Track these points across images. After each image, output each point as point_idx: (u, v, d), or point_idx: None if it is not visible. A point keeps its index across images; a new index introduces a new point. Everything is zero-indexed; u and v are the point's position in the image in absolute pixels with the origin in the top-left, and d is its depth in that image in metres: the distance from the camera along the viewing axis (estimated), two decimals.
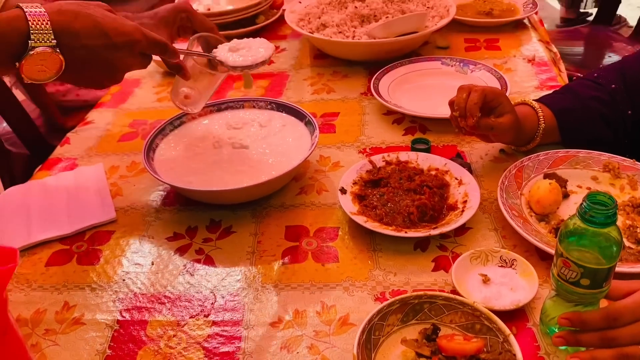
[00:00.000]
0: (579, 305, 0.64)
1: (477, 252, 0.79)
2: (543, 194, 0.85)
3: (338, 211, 0.93)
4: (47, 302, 0.82)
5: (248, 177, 0.96)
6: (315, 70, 1.41)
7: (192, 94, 1.01)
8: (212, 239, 0.90)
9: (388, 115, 1.18)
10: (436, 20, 1.39)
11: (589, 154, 0.95)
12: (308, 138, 1.04)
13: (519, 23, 1.54)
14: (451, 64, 1.30)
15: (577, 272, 0.60)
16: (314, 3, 1.49)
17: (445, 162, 0.96)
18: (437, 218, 0.88)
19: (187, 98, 1.01)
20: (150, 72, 1.49)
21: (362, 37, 1.33)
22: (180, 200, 0.99)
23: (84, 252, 0.90)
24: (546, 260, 0.80)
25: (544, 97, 1.03)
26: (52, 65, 0.68)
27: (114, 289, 0.83)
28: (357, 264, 0.83)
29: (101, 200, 0.99)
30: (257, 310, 0.77)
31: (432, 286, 0.78)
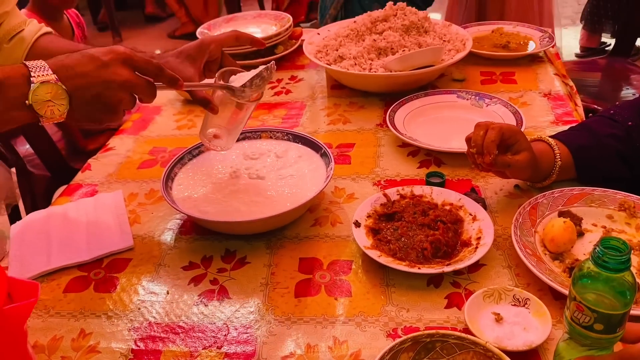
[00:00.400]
0: (593, 349, 0.63)
1: (490, 290, 0.79)
2: (557, 233, 0.85)
3: (352, 244, 0.94)
4: (64, 329, 0.83)
5: (263, 208, 0.97)
6: (331, 100, 1.43)
7: (221, 133, 1.00)
8: (227, 269, 0.92)
9: (403, 147, 1.20)
10: (452, 53, 1.41)
11: (604, 192, 0.95)
12: (323, 169, 1.06)
13: (535, 56, 1.55)
14: (467, 98, 1.31)
15: (590, 317, 0.60)
16: (332, 35, 1.52)
17: (459, 197, 0.97)
18: (451, 254, 0.88)
19: (217, 137, 1.00)
20: (170, 100, 1.52)
21: (379, 70, 1.35)
22: (196, 229, 1.01)
23: (101, 279, 0.92)
24: (560, 299, 0.79)
25: (560, 133, 1.04)
26: (59, 98, 0.72)
27: (129, 317, 0.84)
28: (369, 298, 0.83)
29: (120, 228, 1.01)
30: (270, 344, 0.77)
31: (445, 323, 0.78)
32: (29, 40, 1.02)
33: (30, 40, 1.02)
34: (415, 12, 1.47)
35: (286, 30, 1.69)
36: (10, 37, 1.01)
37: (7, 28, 1.01)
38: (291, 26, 1.72)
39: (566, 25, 3.77)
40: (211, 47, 1.00)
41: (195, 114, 1.43)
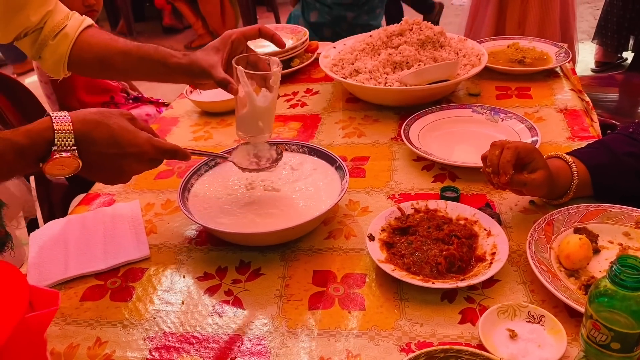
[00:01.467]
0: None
1: (504, 306, 0.79)
2: (573, 249, 0.85)
3: (366, 257, 0.94)
4: (80, 337, 0.84)
5: (278, 220, 0.98)
6: (347, 113, 1.44)
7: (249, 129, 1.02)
8: (241, 281, 0.92)
9: (418, 161, 1.20)
10: (468, 68, 1.41)
11: (621, 209, 0.94)
12: (338, 182, 1.06)
13: (551, 72, 1.55)
14: (482, 112, 1.31)
15: (607, 335, 0.60)
16: (347, 49, 1.53)
17: (474, 212, 0.97)
18: (465, 269, 0.88)
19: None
20: (187, 112, 1.54)
21: (394, 84, 1.36)
22: (211, 240, 1.02)
23: (117, 288, 0.93)
24: (575, 317, 0.79)
25: (577, 151, 1.03)
26: (70, 166, 0.78)
27: (144, 326, 0.85)
28: (383, 312, 0.83)
29: (136, 238, 1.02)
30: (283, 356, 0.78)
31: (459, 339, 0.78)
32: (72, 36, 1.07)
33: (73, 36, 1.07)
34: (430, 27, 1.47)
35: (302, 44, 1.71)
36: (54, 35, 1.06)
37: (51, 25, 1.05)
38: (307, 39, 1.74)
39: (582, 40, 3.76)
40: (233, 37, 1.04)
41: (212, 126, 1.45)
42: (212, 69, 0.99)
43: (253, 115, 0.99)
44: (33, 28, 1.05)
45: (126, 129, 0.83)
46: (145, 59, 1.05)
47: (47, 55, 1.07)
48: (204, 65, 1.00)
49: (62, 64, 1.08)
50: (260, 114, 0.99)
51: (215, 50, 1.02)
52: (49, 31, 1.05)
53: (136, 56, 1.05)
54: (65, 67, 1.09)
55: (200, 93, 1.57)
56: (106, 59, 1.07)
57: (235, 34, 1.04)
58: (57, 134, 0.76)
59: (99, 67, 1.09)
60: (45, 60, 1.08)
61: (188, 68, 1.02)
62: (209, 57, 1.01)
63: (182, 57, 1.03)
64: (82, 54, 1.08)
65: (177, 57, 1.03)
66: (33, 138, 0.76)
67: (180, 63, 1.03)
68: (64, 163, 0.77)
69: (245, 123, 1.01)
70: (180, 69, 1.03)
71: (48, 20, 1.06)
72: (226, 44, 1.03)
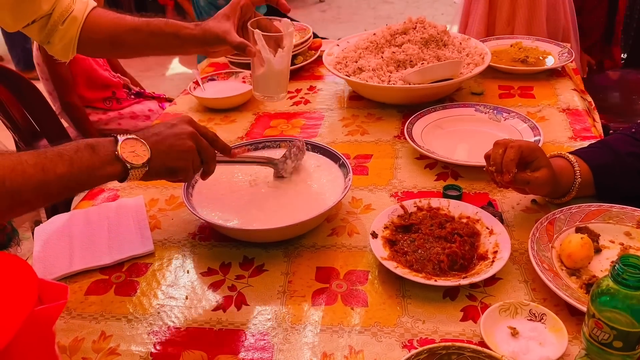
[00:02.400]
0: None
1: (506, 304, 0.80)
2: (574, 249, 0.86)
3: (368, 255, 0.95)
4: (85, 330, 0.85)
5: (282, 217, 0.99)
6: (350, 111, 1.45)
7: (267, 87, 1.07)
8: (245, 276, 0.93)
9: (421, 159, 1.20)
10: (471, 67, 1.42)
11: (623, 209, 0.95)
12: (341, 179, 1.07)
13: (553, 71, 1.55)
14: (485, 111, 1.32)
15: (609, 334, 0.60)
16: (351, 47, 1.54)
17: (476, 211, 0.97)
18: (467, 267, 0.89)
19: None
20: (191, 108, 1.55)
21: (398, 82, 1.36)
22: (215, 235, 1.03)
23: (121, 282, 0.94)
24: (576, 315, 0.79)
25: (580, 150, 1.04)
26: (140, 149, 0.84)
27: (149, 321, 0.86)
28: (385, 309, 0.84)
29: (140, 233, 1.03)
30: (286, 351, 0.78)
31: (460, 336, 0.79)
32: (80, 19, 1.08)
33: (82, 19, 1.08)
34: (434, 26, 1.48)
35: (306, 42, 1.71)
36: (63, 20, 1.07)
37: (59, 11, 1.06)
38: (311, 37, 1.74)
39: None
40: (242, 3, 1.06)
41: (215, 122, 1.46)
42: (227, 35, 1.01)
43: (271, 75, 1.05)
44: (42, 15, 1.06)
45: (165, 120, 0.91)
46: (156, 33, 1.06)
47: (57, 40, 1.08)
48: (218, 32, 1.02)
49: (71, 46, 1.09)
50: (278, 73, 1.05)
51: (226, 17, 1.05)
52: (58, 17, 1.06)
53: (147, 31, 1.07)
54: (74, 50, 1.10)
55: (204, 89, 1.58)
56: (116, 37, 1.09)
57: (244, 1, 1.07)
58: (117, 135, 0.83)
59: (110, 46, 1.11)
60: (54, 44, 1.09)
61: (201, 37, 1.04)
62: (221, 24, 1.04)
63: (194, 27, 1.05)
64: (92, 35, 1.09)
65: (189, 28, 1.05)
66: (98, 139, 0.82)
67: (193, 34, 1.05)
68: (134, 148, 0.83)
69: (263, 83, 1.07)
70: (194, 39, 1.05)
71: (57, 6, 1.07)
72: (235, 10, 1.05)
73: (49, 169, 0.75)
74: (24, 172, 0.73)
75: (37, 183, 0.74)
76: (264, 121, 1.44)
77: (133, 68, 2.78)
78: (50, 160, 0.76)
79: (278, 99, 1.09)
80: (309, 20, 5.15)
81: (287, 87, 1.09)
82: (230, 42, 1.01)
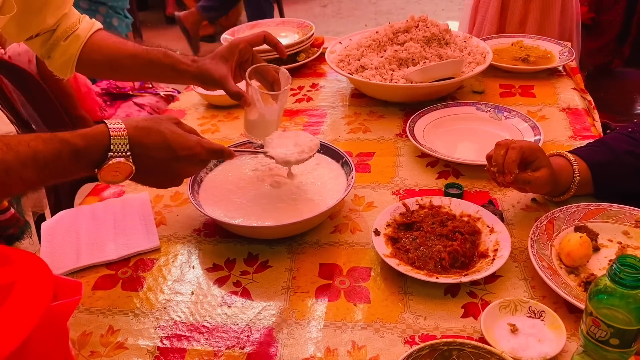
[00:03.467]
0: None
1: (506, 302, 0.81)
2: (573, 247, 0.87)
3: (371, 252, 0.96)
4: (92, 325, 0.87)
5: (285, 214, 1.00)
6: (352, 109, 1.46)
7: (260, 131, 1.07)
8: (249, 272, 0.95)
9: (422, 157, 1.22)
10: (472, 66, 1.43)
11: (621, 209, 0.96)
12: (344, 177, 1.08)
13: (554, 70, 1.56)
14: (486, 110, 1.33)
15: (606, 332, 0.62)
16: (354, 45, 1.55)
17: (477, 209, 0.99)
18: (468, 265, 0.90)
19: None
20: (194, 104, 1.56)
21: (400, 81, 1.37)
22: (219, 232, 1.04)
23: (128, 278, 0.95)
24: (575, 313, 0.81)
25: (579, 149, 1.06)
26: (124, 172, 0.80)
27: (155, 315, 0.87)
28: (388, 305, 0.86)
29: (146, 229, 1.04)
30: (291, 346, 0.80)
31: (461, 332, 0.80)
32: (83, 38, 1.09)
33: (84, 38, 1.10)
34: (436, 24, 1.49)
35: (308, 39, 1.72)
36: (66, 36, 1.08)
37: (64, 27, 1.08)
38: (313, 34, 1.75)
39: None
40: (240, 47, 1.07)
41: (219, 119, 1.47)
42: (224, 81, 1.03)
43: (262, 124, 1.06)
44: (47, 29, 1.07)
45: (177, 132, 0.84)
46: (154, 62, 1.08)
47: (57, 55, 1.10)
48: (215, 76, 1.04)
49: (71, 64, 1.11)
50: (269, 123, 1.07)
51: (224, 60, 1.06)
52: (62, 33, 1.08)
53: (145, 59, 1.08)
54: (73, 68, 1.12)
55: None
56: (115, 61, 1.10)
57: (242, 43, 1.08)
58: (113, 139, 0.77)
59: (108, 68, 1.12)
60: (55, 60, 1.11)
61: (198, 75, 1.06)
62: (218, 67, 1.05)
63: (191, 63, 1.06)
64: (92, 55, 1.10)
65: (185, 64, 1.06)
66: (89, 141, 0.77)
67: (189, 70, 1.06)
68: (118, 169, 0.79)
69: (255, 129, 1.08)
70: (190, 75, 1.07)
71: (62, 23, 1.08)
72: (234, 53, 1.06)
73: (13, 172, 0.70)
74: None
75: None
76: None
77: None
78: (21, 163, 0.71)
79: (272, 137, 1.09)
80: (309, 15, 5.15)
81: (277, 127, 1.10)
82: (227, 90, 1.03)
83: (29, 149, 0.72)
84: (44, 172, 0.74)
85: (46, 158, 0.73)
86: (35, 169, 0.72)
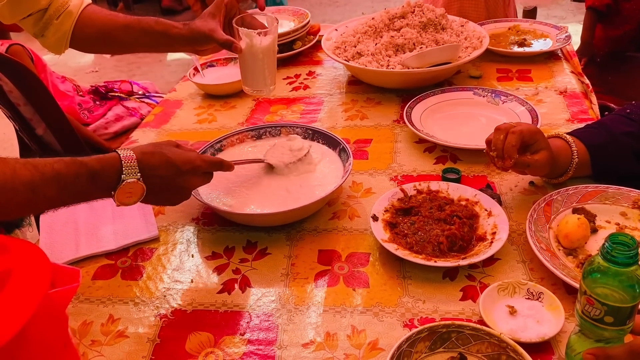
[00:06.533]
0: (603, 341, 0.66)
1: (504, 284, 0.82)
2: (571, 229, 0.87)
3: (369, 237, 0.97)
4: (93, 314, 0.87)
5: (284, 202, 1.00)
6: (349, 96, 1.46)
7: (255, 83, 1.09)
8: (249, 260, 0.95)
9: (420, 143, 1.22)
10: (469, 51, 1.42)
11: (619, 190, 0.96)
12: (341, 164, 1.08)
13: (551, 54, 1.56)
14: (483, 95, 1.33)
15: (600, 310, 0.62)
16: (350, 31, 1.54)
17: (475, 193, 0.99)
18: (466, 248, 0.91)
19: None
20: (191, 94, 1.56)
21: (396, 67, 1.37)
22: (218, 220, 1.04)
23: (127, 267, 0.96)
24: (572, 294, 0.81)
25: (577, 131, 1.05)
26: (136, 192, 0.85)
27: (155, 304, 0.88)
28: (387, 290, 0.86)
29: (145, 219, 1.05)
30: (291, 331, 0.81)
31: (460, 315, 0.81)
32: (75, 14, 1.10)
33: (76, 14, 1.11)
34: (432, 10, 1.48)
35: (304, 27, 1.71)
36: (58, 14, 1.09)
37: (56, 5, 1.09)
38: (309, 22, 1.74)
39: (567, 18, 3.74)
40: (225, 1, 1.09)
41: (215, 108, 1.46)
42: (214, 33, 1.04)
43: (258, 68, 1.07)
44: (39, 9, 1.07)
45: (177, 151, 0.91)
46: (147, 31, 1.09)
47: (50, 34, 1.11)
48: (204, 30, 1.05)
49: (64, 41, 1.12)
50: (263, 65, 1.07)
51: (212, 15, 1.08)
52: (54, 11, 1.09)
53: (137, 29, 1.10)
54: (67, 44, 1.13)
55: (203, 76, 1.58)
56: (108, 34, 1.11)
57: None
58: (124, 162, 0.83)
59: (102, 41, 1.13)
60: (48, 38, 1.12)
61: (189, 36, 1.07)
62: (207, 22, 1.07)
63: (183, 27, 1.08)
64: (85, 30, 1.12)
65: (177, 28, 1.08)
66: (104, 165, 0.82)
67: (181, 33, 1.08)
68: (131, 189, 0.84)
69: (250, 76, 1.09)
70: (182, 38, 1.08)
71: (54, 1, 1.08)
72: (220, 8, 1.08)
73: (39, 190, 0.76)
74: (13, 189, 0.74)
75: (23, 201, 0.75)
76: (264, 107, 1.45)
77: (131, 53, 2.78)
78: (45, 182, 0.77)
79: (267, 92, 1.12)
80: (306, 4, 5.12)
81: (275, 80, 1.11)
82: (217, 40, 1.04)
83: (53, 171, 0.78)
84: (64, 192, 0.79)
85: (67, 179, 0.79)
86: (58, 188, 0.78)
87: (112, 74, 4.10)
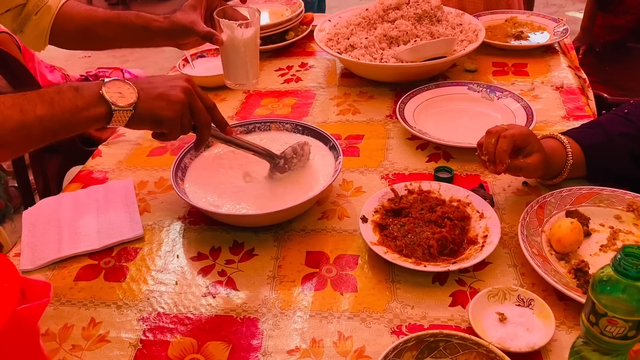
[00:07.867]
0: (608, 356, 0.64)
1: (494, 290, 0.80)
2: (564, 233, 0.86)
3: (358, 239, 0.94)
4: (74, 317, 0.85)
5: (271, 201, 0.98)
6: (342, 89, 1.43)
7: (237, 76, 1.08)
8: (235, 261, 0.93)
9: (412, 140, 1.19)
10: (465, 44, 1.39)
11: (613, 192, 0.95)
12: (332, 161, 1.06)
13: (548, 48, 1.53)
14: (478, 90, 1.30)
15: (625, 327, 0.60)
16: (343, 23, 1.51)
17: (467, 194, 0.97)
18: (457, 252, 0.89)
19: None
20: None
21: (390, 60, 1.34)
22: (205, 219, 1.02)
23: (111, 268, 0.94)
24: (564, 300, 0.80)
25: (572, 130, 1.03)
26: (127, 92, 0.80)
27: (138, 307, 0.86)
28: (375, 294, 0.84)
29: (129, 217, 1.02)
30: (276, 337, 0.79)
31: (449, 321, 0.79)
32: (54, 9, 1.08)
33: (55, 9, 1.08)
34: (428, 1, 1.45)
35: (297, 16, 1.67)
36: (37, 10, 1.06)
37: (34, 1, 1.06)
38: (302, 12, 1.71)
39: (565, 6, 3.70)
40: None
41: None
42: (194, 25, 1.03)
43: (239, 61, 1.05)
44: (17, 4, 1.05)
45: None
46: (127, 25, 1.07)
47: (29, 29, 1.08)
48: (185, 23, 1.03)
49: (44, 37, 1.09)
50: (245, 58, 1.05)
51: (193, 8, 1.06)
52: (32, 7, 1.06)
53: (117, 23, 1.07)
54: (46, 40, 1.10)
55: (193, 67, 1.55)
56: (88, 29, 1.09)
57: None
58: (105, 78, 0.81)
59: (82, 37, 1.11)
60: (27, 34, 1.09)
61: (170, 29, 1.05)
62: (188, 15, 1.05)
63: (164, 20, 1.06)
64: (64, 26, 1.09)
65: (158, 21, 1.06)
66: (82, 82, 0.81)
67: (162, 26, 1.06)
68: (121, 88, 0.80)
69: (232, 70, 1.07)
70: (163, 32, 1.06)
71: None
72: (201, 0, 1.06)
73: (27, 109, 0.73)
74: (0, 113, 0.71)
75: (15, 124, 0.72)
76: (255, 100, 1.42)
77: None
78: (30, 101, 0.74)
79: (250, 85, 1.10)
80: None
81: (258, 74, 1.09)
82: (198, 32, 1.02)
83: (35, 92, 0.76)
84: (53, 108, 0.75)
85: (50, 94, 0.76)
86: (44, 105, 0.75)
87: (104, 60, 4.04)
